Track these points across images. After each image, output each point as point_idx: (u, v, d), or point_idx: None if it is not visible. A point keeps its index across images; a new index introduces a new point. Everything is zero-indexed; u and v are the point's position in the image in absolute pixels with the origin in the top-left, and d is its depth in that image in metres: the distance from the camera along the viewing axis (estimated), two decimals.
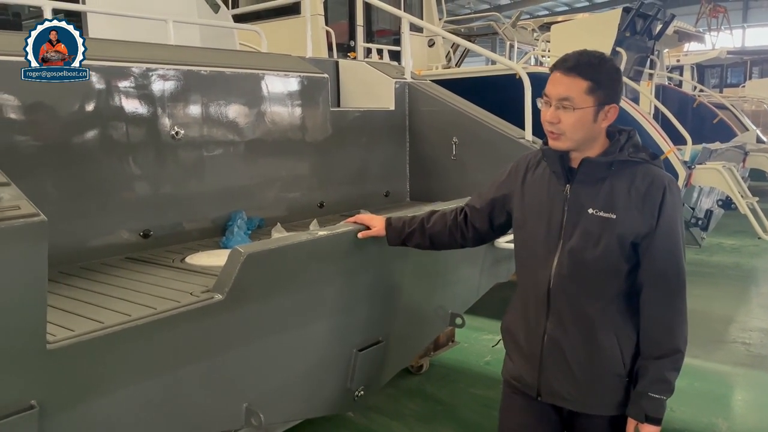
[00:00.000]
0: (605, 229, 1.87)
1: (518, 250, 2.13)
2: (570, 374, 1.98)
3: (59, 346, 1.66)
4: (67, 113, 2.67)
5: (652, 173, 1.88)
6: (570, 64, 1.84)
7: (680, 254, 1.89)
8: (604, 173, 1.89)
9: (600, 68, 1.84)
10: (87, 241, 2.74)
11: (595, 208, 1.89)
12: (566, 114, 1.84)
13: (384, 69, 4.41)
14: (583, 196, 1.91)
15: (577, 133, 1.86)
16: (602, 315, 1.93)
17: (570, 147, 1.90)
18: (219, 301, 2.01)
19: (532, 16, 26.12)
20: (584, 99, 1.82)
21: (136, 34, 3.56)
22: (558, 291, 1.96)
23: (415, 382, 4.36)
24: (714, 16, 23.21)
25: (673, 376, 1.89)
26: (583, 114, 1.83)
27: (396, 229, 2.38)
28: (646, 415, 1.88)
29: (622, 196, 1.86)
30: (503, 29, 10.31)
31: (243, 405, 2.25)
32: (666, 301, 1.88)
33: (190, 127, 3.12)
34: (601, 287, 1.92)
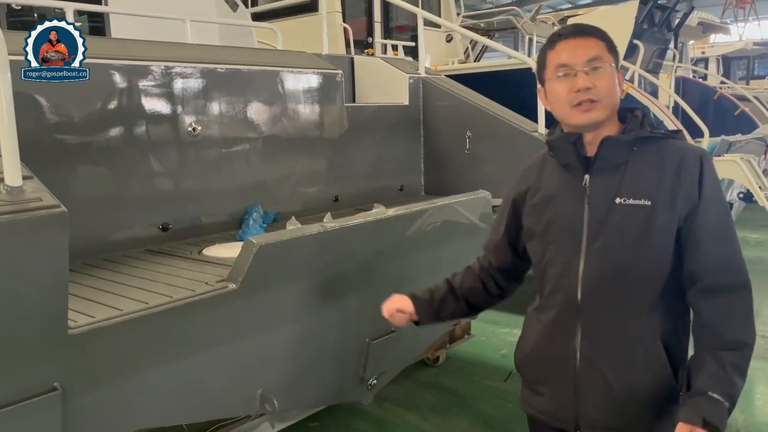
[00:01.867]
0: (641, 218, 1.60)
1: (535, 265, 1.84)
2: (611, 399, 1.67)
3: (80, 331, 1.75)
4: (89, 111, 2.76)
5: (681, 147, 1.65)
6: (579, 28, 1.69)
7: (732, 231, 1.62)
8: (626, 155, 1.65)
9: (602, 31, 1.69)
10: (109, 234, 2.84)
11: (623, 197, 1.63)
12: (599, 75, 1.61)
13: (398, 64, 4.46)
14: (605, 185, 1.65)
15: (612, 96, 1.64)
16: (647, 322, 1.64)
17: (604, 116, 1.64)
18: (233, 290, 2.08)
19: (554, 10, 25.86)
20: (608, 56, 1.64)
21: (158, 34, 3.66)
22: (589, 301, 1.67)
23: (431, 374, 4.40)
24: (741, 6, 22.70)
25: (737, 378, 1.55)
26: (610, 74, 1.63)
27: (424, 301, 2.06)
28: (704, 420, 1.49)
29: (654, 178, 1.61)
30: (522, 23, 10.26)
31: (258, 391, 2.33)
32: (726, 290, 1.59)
33: (208, 124, 3.20)
34: (644, 288, 1.64)
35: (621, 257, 1.63)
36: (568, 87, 1.64)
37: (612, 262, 1.64)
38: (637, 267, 1.62)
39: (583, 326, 1.69)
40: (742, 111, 8.98)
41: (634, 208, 1.61)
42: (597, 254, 1.65)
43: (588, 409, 1.70)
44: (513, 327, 5.27)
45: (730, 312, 1.59)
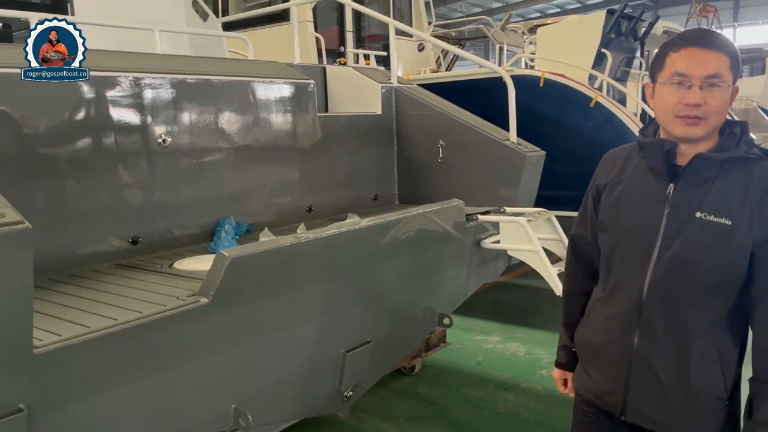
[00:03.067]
0: (719, 236, 1.63)
1: (603, 256, 1.88)
2: (660, 394, 1.75)
3: (46, 350, 1.70)
4: (56, 123, 2.71)
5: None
6: (708, 38, 1.66)
7: None
8: (716, 171, 1.65)
9: (731, 45, 1.65)
10: (76, 248, 2.78)
11: (704, 212, 1.64)
12: (714, 94, 1.61)
13: (370, 74, 4.47)
14: (689, 198, 1.67)
15: (720, 115, 1.65)
16: (704, 331, 1.69)
17: (706, 133, 1.65)
18: (205, 304, 2.05)
19: (524, 19, 26.25)
20: (728, 76, 1.62)
21: (126, 44, 3.61)
22: (653, 303, 1.73)
23: (407, 383, 4.39)
24: (704, 15, 23.36)
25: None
26: (726, 93, 1.63)
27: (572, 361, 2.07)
28: None
29: (738, 198, 1.62)
30: (493, 32, 10.37)
31: (231, 406, 2.29)
32: None
33: (179, 135, 3.16)
34: (706, 301, 1.68)
35: (691, 269, 1.66)
36: (679, 97, 1.63)
37: (681, 273, 1.68)
38: (705, 281, 1.66)
39: (642, 326, 1.75)
40: None
41: (713, 224, 1.63)
42: (667, 262, 1.69)
43: (635, 400, 1.79)
44: (488, 334, 5.30)
45: None
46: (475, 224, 3.40)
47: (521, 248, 3.36)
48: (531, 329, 5.41)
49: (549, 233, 3.59)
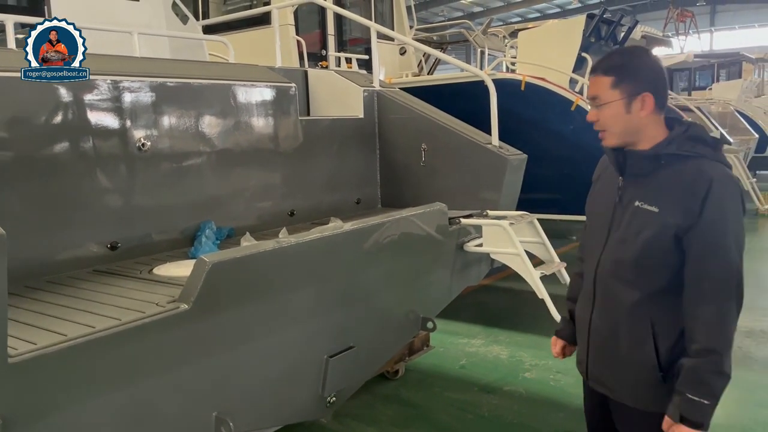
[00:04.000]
0: (647, 221, 1.89)
1: (581, 241, 2.30)
2: (608, 362, 2.03)
3: (21, 359, 1.66)
4: (31, 126, 2.66)
5: (702, 167, 1.84)
6: (595, 65, 1.98)
7: (727, 253, 1.82)
8: (653, 166, 1.91)
9: (623, 63, 1.93)
10: (53, 254, 2.73)
11: (641, 201, 1.92)
12: (602, 111, 1.94)
13: (352, 78, 4.46)
14: (632, 189, 1.96)
15: (616, 126, 1.93)
16: (639, 307, 1.93)
17: (617, 142, 1.96)
18: (185, 310, 2.02)
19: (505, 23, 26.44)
20: (610, 94, 1.91)
21: (105, 47, 3.56)
22: (601, 280, 2.03)
23: (391, 387, 4.38)
24: (681, 20, 23.71)
25: (712, 379, 1.80)
26: (611, 108, 1.91)
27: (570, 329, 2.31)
28: (682, 416, 1.81)
29: (667, 189, 1.87)
30: (474, 36, 10.43)
31: (212, 414, 2.25)
32: (705, 300, 1.82)
33: (158, 139, 3.12)
34: (639, 279, 1.93)
35: (628, 249, 1.94)
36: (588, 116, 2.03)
37: (621, 252, 1.97)
38: (635, 260, 1.92)
39: (595, 300, 2.06)
40: None
41: (645, 211, 1.91)
42: (613, 244, 2.00)
43: (593, 366, 2.11)
44: (471, 337, 5.30)
45: (705, 320, 1.82)
46: (458, 228, 3.40)
47: (504, 251, 3.36)
48: (514, 332, 5.43)
49: (531, 236, 3.60)
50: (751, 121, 13.51)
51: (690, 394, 1.80)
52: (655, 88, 1.91)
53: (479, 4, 33.81)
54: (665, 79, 1.98)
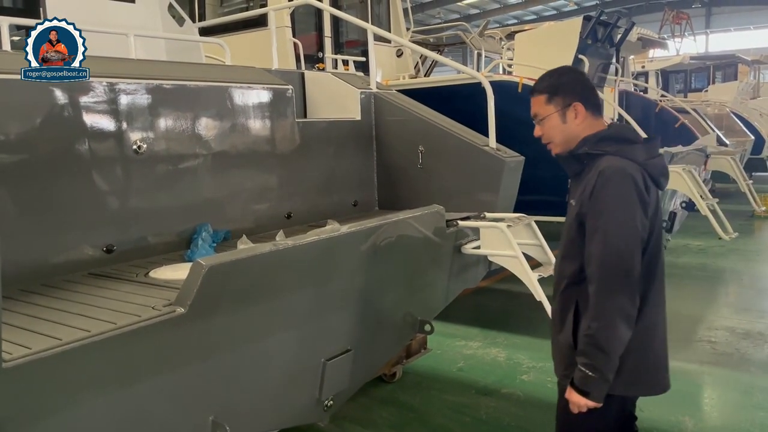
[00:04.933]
0: (570, 214, 2.16)
1: None
2: (553, 343, 2.29)
3: (16, 364, 1.64)
4: (28, 128, 2.64)
5: (601, 162, 2.05)
6: (531, 88, 2.24)
7: (607, 237, 1.97)
8: (579, 167, 2.16)
9: (553, 80, 2.20)
10: (48, 257, 2.71)
11: (571, 197, 2.18)
12: (543, 126, 2.21)
13: (349, 80, 4.45)
14: (572, 189, 2.22)
15: (557, 136, 2.19)
16: (567, 291, 2.17)
17: (561, 150, 2.21)
18: (181, 314, 2.00)
19: (501, 25, 26.46)
20: (545, 109, 2.19)
21: (101, 49, 3.54)
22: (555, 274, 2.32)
23: (388, 390, 4.37)
24: (677, 22, 23.74)
25: (592, 353, 1.99)
26: (550, 120, 2.18)
27: None
28: (573, 381, 2.07)
29: (581, 185, 2.11)
30: (471, 39, 10.43)
31: (209, 418, 2.24)
32: (592, 280, 2.01)
33: (154, 141, 3.10)
34: (566, 268, 2.17)
35: (564, 242, 2.20)
36: None
37: (561, 246, 2.23)
38: (566, 248, 2.18)
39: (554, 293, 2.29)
40: (682, 123, 9.33)
41: (571, 206, 2.18)
42: (561, 239, 2.24)
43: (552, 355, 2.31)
44: (469, 340, 5.29)
45: (592, 299, 2.01)
46: (456, 230, 3.39)
47: (501, 254, 3.35)
48: (511, 334, 5.42)
49: (529, 238, 3.59)
50: (747, 122, 13.54)
51: (579, 364, 2.03)
52: (583, 97, 2.15)
53: (475, 6, 33.85)
54: (592, 88, 2.22)
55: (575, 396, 2.05)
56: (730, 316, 5.96)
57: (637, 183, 2.00)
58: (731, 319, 5.81)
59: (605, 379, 2.00)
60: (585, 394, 2.02)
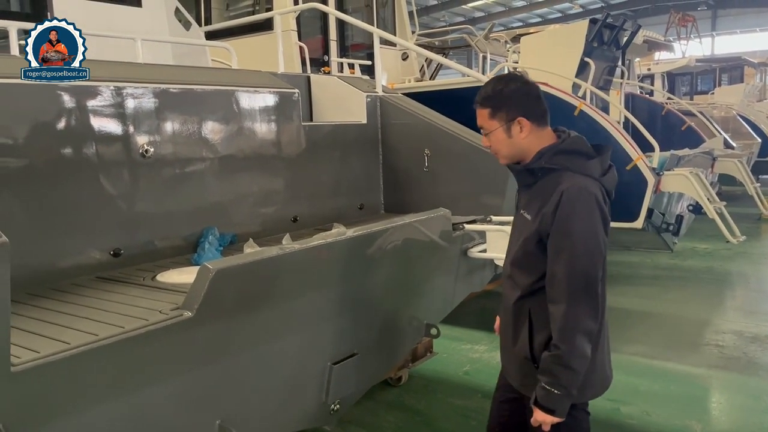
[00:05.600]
0: (524, 227, 2.14)
1: None
2: (507, 354, 2.31)
3: (24, 368, 1.65)
4: (35, 133, 2.65)
5: (562, 179, 2.04)
6: (475, 99, 2.18)
7: (573, 257, 1.97)
8: (532, 179, 2.14)
9: (494, 95, 2.13)
10: (56, 261, 2.72)
11: (523, 209, 2.18)
12: (490, 138, 2.18)
13: (355, 83, 4.45)
14: (523, 199, 2.23)
15: (504, 149, 2.17)
16: (520, 304, 2.16)
17: (508, 161, 2.21)
18: (188, 318, 2.00)
19: (506, 28, 26.48)
20: (490, 123, 2.15)
21: (108, 53, 3.56)
22: (503, 280, 2.31)
23: (394, 393, 4.36)
24: (683, 25, 23.69)
25: (558, 371, 1.99)
26: (495, 134, 2.15)
27: None
28: (536, 399, 2.05)
29: (539, 200, 2.08)
30: (476, 42, 10.43)
31: (216, 422, 2.24)
32: (555, 299, 2.01)
33: (160, 145, 3.11)
34: (519, 280, 2.17)
35: (513, 252, 2.20)
36: None
37: (511, 255, 2.23)
38: (519, 261, 2.17)
39: (502, 299, 2.31)
40: (688, 126, 9.30)
41: (524, 218, 2.15)
42: (509, 250, 2.27)
43: (502, 357, 2.37)
44: (475, 343, 5.28)
45: (554, 319, 2.02)
46: (462, 233, 3.38)
47: None
48: None
49: None
50: (754, 125, 13.49)
51: (543, 383, 2.02)
52: (527, 111, 2.10)
53: (481, 9, 33.87)
54: (537, 99, 2.15)
55: (540, 414, 2.04)
56: (737, 319, 5.92)
57: (599, 201, 2.02)
58: (739, 323, 5.77)
59: (570, 395, 2.02)
60: (550, 411, 2.03)
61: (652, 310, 6.24)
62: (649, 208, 5.53)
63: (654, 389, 4.35)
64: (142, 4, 4.51)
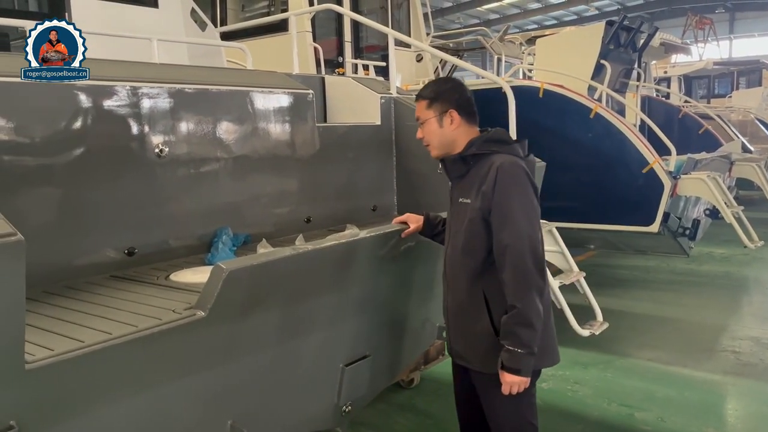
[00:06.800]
0: (466, 212, 2.32)
1: None
2: (461, 336, 2.43)
3: (38, 365, 1.65)
4: (52, 132, 2.67)
5: (494, 160, 2.28)
6: (416, 94, 2.48)
7: (515, 223, 2.18)
8: (464, 168, 2.37)
9: (433, 89, 2.44)
10: (71, 259, 2.73)
11: (461, 197, 2.36)
12: (424, 129, 2.45)
13: (369, 84, 4.44)
14: (456, 189, 2.42)
15: (434, 139, 2.44)
16: (473, 284, 2.33)
17: (439, 152, 2.46)
18: (202, 318, 2.01)
19: (521, 30, 26.38)
20: (426, 113, 2.44)
21: (124, 53, 3.58)
22: (446, 268, 2.48)
23: (406, 396, 4.34)
24: (700, 27, 23.46)
25: (519, 330, 2.17)
26: (428, 124, 2.43)
27: (431, 224, 2.73)
28: (503, 363, 2.22)
29: (476, 183, 2.30)
30: (491, 43, 10.38)
31: (228, 422, 2.24)
32: (506, 265, 2.20)
33: (176, 145, 3.12)
34: (470, 261, 2.33)
35: (459, 238, 2.37)
36: None
37: (456, 242, 2.40)
38: (466, 245, 2.34)
39: (447, 285, 2.48)
40: (706, 129, 9.20)
41: (463, 204, 2.35)
42: (451, 237, 2.45)
43: (451, 343, 2.51)
44: None
45: (507, 282, 2.19)
46: None
47: None
48: None
49: (550, 245, 3.56)
50: None
51: (506, 345, 2.20)
52: (459, 106, 2.39)
53: (495, 12, 33.75)
54: (467, 99, 2.44)
55: (508, 377, 2.21)
56: (754, 325, 5.85)
57: (528, 173, 2.28)
58: (756, 329, 5.70)
59: (532, 353, 2.19)
60: (516, 371, 2.20)
61: (668, 316, 6.18)
62: (665, 212, 5.46)
63: (669, 395, 4.30)
64: (159, 5, 4.53)
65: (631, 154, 5.43)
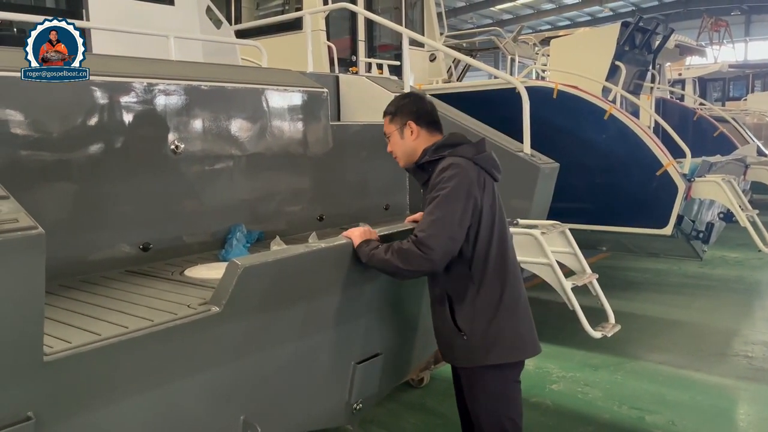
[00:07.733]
0: None
1: None
2: (438, 334, 2.56)
3: (56, 358, 1.67)
4: (69, 127, 2.70)
5: (442, 163, 2.41)
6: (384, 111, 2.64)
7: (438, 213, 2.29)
8: (425, 175, 2.50)
9: (394, 104, 2.60)
10: (87, 254, 2.76)
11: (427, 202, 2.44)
12: (391, 143, 2.62)
13: (383, 83, 4.45)
14: (425, 195, 2.50)
15: (398, 150, 2.60)
16: (438, 287, 2.48)
17: (405, 163, 2.60)
18: (216, 313, 2.02)
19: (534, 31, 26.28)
20: (389, 127, 2.61)
21: (141, 50, 3.61)
22: None
23: (416, 395, 4.34)
24: (716, 29, 23.25)
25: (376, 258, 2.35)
26: (393, 136, 2.60)
27: None
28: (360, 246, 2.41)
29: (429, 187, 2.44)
30: (504, 44, 10.36)
31: (240, 417, 2.26)
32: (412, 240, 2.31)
33: (191, 142, 3.15)
34: None
35: None
36: None
37: None
38: None
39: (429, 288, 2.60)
40: (721, 132, 9.12)
41: None
42: None
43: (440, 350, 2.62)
44: None
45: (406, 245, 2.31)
46: None
47: (535, 261, 3.31)
48: (541, 342, 5.34)
49: (563, 246, 3.55)
50: None
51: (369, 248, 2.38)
52: (418, 117, 2.54)
53: (508, 12, 33.66)
54: (427, 111, 2.58)
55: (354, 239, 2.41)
56: (767, 330, 5.79)
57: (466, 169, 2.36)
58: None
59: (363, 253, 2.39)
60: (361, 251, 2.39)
61: (680, 319, 6.13)
62: (678, 214, 5.42)
63: (680, 399, 4.27)
64: (175, 3, 4.56)
65: (645, 156, 5.39)
